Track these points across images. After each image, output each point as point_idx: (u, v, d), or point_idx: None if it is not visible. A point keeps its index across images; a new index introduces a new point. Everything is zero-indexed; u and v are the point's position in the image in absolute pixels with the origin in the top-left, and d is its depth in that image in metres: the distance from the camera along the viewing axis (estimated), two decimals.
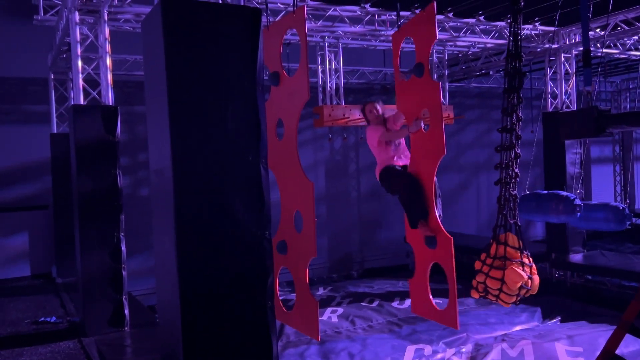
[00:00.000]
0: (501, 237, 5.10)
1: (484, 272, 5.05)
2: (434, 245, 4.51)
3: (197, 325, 2.89)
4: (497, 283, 4.98)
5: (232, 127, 2.95)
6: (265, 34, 4.67)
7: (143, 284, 9.44)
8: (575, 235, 9.85)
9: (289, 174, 4.50)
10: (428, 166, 4.42)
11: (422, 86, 4.33)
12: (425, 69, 4.27)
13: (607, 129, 5.51)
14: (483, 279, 5.07)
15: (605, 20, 9.27)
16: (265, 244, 3.03)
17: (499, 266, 4.94)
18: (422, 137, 4.43)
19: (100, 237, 5.94)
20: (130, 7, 7.10)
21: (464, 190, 14.02)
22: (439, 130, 4.21)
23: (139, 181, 10.61)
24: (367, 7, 8.64)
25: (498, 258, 4.97)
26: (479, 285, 5.15)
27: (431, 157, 4.35)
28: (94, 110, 6.05)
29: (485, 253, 5.13)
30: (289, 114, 4.45)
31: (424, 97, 4.34)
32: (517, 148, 5.19)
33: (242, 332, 3.00)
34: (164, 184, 2.91)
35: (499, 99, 14.91)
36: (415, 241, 4.78)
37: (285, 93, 4.50)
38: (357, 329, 7.94)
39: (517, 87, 5.01)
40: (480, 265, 5.15)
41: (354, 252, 12.67)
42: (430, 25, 4.17)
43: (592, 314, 8.33)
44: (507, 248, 4.99)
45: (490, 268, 4.99)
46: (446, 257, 4.37)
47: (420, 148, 4.47)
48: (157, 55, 2.87)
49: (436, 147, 4.28)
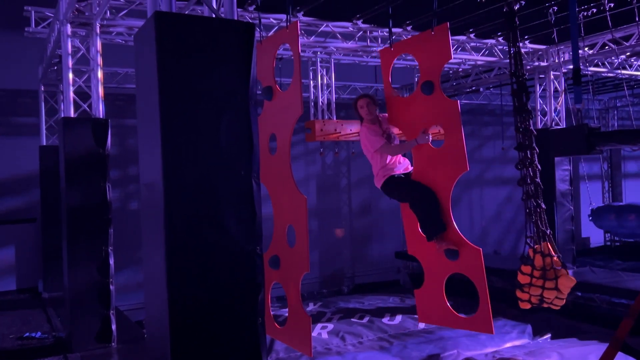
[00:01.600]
0: (537, 248, 5.25)
1: (539, 285, 5.20)
2: (456, 257, 4.56)
3: (186, 341, 2.84)
4: (554, 292, 5.17)
5: (224, 141, 2.93)
6: (258, 49, 4.69)
7: (131, 299, 9.32)
8: (565, 251, 9.88)
9: (282, 189, 4.48)
10: (446, 181, 4.45)
11: (431, 103, 4.38)
12: (436, 86, 4.33)
13: (597, 146, 5.57)
14: (539, 292, 5.22)
15: (593, 40, 9.40)
16: (257, 259, 2.99)
17: (551, 276, 5.09)
18: (438, 153, 4.46)
19: (88, 251, 5.87)
20: (123, 20, 7.10)
21: (455, 205, 14.03)
22: (460, 146, 4.27)
23: (128, 195, 10.53)
24: (360, 23, 8.70)
25: (547, 269, 5.12)
26: (533, 298, 5.32)
27: (450, 173, 4.41)
28: (84, 123, 6.01)
29: (530, 266, 5.25)
30: (282, 129, 4.45)
31: (435, 114, 4.40)
32: (536, 160, 5.35)
33: (232, 348, 2.96)
34: (154, 198, 2.88)
35: (490, 116, 15.17)
36: (422, 253, 4.79)
37: (278, 108, 4.50)
38: (347, 345, 7.88)
39: (525, 103, 5.17)
40: (529, 278, 5.27)
41: (345, 267, 12.62)
42: (444, 44, 4.25)
43: (582, 331, 8.33)
44: (553, 258, 5.16)
45: (544, 280, 5.15)
46: (476, 268, 4.44)
47: (437, 163, 4.49)
48: (150, 69, 2.85)
49: (457, 163, 4.36)
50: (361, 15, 8.58)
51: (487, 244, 14.20)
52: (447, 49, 4.25)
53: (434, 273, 4.77)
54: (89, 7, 6.22)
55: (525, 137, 5.33)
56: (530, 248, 5.36)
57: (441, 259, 4.64)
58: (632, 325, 3.41)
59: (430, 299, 4.82)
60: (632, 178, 16.51)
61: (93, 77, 6.32)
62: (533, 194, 5.36)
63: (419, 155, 4.62)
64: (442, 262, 4.64)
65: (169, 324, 2.77)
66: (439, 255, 4.64)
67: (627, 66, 11.16)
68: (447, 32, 4.23)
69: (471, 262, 4.45)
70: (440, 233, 4.56)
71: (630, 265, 12.99)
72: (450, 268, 4.62)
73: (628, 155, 16.57)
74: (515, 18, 5.45)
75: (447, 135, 4.36)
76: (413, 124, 4.57)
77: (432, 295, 4.81)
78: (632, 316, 3.42)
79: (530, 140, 5.30)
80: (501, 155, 14.19)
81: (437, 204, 4.54)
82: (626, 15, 8.23)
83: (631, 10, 8.09)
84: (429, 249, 4.71)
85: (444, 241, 4.56)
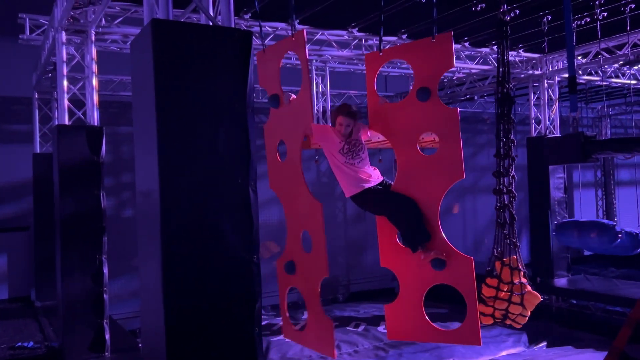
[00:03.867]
0: (506, 261, 5.16)
1: (505, 299, 5.08)
2: (443, 267, 4.37)
3: (182, 351, 2.81)
4: (519, 308, 5.05)
5: (221, 149, 2.91)
6: (261, 57, 4.70)
7: (125, 308, 9.23)
8: (560, 259, 9.90)
9: (295, 195, 4.50)
10: (438, 189, 4.31)
11: (427, 110, 4.31)
12: (433, 93, 4.27)
13: (593, 154, 5.58)
14: (505, 305, 5.08)
15: (586, 48, 9.48)
16: (254, 268, 2.97)
17: (517, 291, 5.02)
18: (430, 160, 4.37)
19: (82, 260, 5.81)
20: (118, 28, 7.09)
21: (449, 213, 14.06)
22: (457, 154, 4.18)
23: (122, 202, 10.46)
24: (355, 31, 8.74)
25: (514, 284, 5.03)
26: (497, 312, 5.16)
27: (444, 181, 4.29)
28: (78, 131, 5.98)
29: (497, 279, 5.13)
30: (292, 135, 4.47)
31: (431, 121, 4.32)
32: (512, 171, 5.28)
33: (229, 358, 2.93)
34: (150, 206, 2.86)
35: (484, 124, 15.22)
36: (398, 265, 4.59)
37: (288, 115, 4.51)
38: (343, 354, 7.85)
39: (506, 112, 5.12)
40: (495, 292, 5.15)
41: (340, 275, 12.57)
42: (446, 52, 4.22)
43: (578, 338, 8.33)
44: (520, 272, 5.06)
45: (511, 294, 5.04)
46: (465, 279, 4.30)
47: (429, 170, 4.35)
48: (146, 77, 2.83)
49: (453, 171, 4.24)
50: (356, 24, 8.61)
51: (481, 252, 14.20)
52: (450, 57, 4.23)
53: (412, 286, 4.53)
54: (84, 15, 6.21)
55: (505, 145, 5.28)
56: (498, 260, 5.23)
57: (421, 271, 4.42)
58: (630, 334, 3.41)
59: (407, 313, 4.56)
60: (624, 186, 16.58)
61: (88, 84, 6.29)
62: (507, 204, 5.27)
63: (407, 161, 4.45)
64: (423, 273, 4.42)
65: (165, 334, 2.74)
66: (418, 267, 4.42)
67: (620, 75, 11.25)
68: (451, 40, 4.23)
69: (461, 272, 4.29)
70: (426, 242, 4.37)
71: (625, 273, 13.03)
72: (435, 279, 4.40)
73: (621, 163, 16.66)
74: (506, 27, 5.47)
75: (444, 142, 4.30)
76: (405, 131, 4.46)
77: (408, 309, 4.55)
78: (630, 325, 3.41)
79: (510, 149, 5.24)
80: (495, 163, 14.22)
81: (419, 213, 4.35)
82: (618, 25, 8.30)
83: (623, 20, 8.17)
84: (407, 260, 4.49)
85: (431, 251, 4.36)
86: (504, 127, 5.32)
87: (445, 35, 4.23)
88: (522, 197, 11.26)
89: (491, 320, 5.24)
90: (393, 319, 4.62)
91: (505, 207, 5.33)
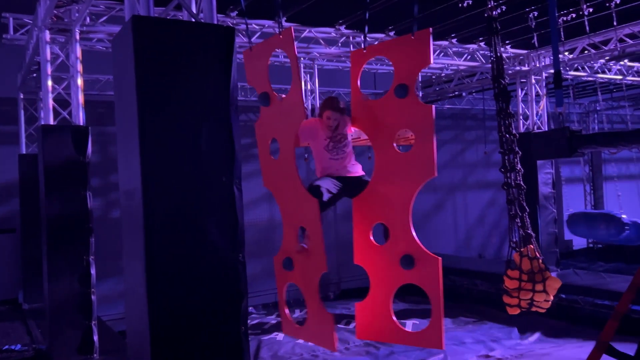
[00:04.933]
0: (524, 251, 5.23)
1: (529, 289, 5.17)
2: (411, 266, 4.37)
3: (167, 352, 2.78)
4: (543, 295, 5.18)
5: (204, 147, 2.89)
6: (248, 55, 4.67)
7: (114, 309, 9.17)
8: (549, 254, 9.95)
9: (290, 192, 4.48)
10: (411, 186, 4.24)
11: (404, 107, 4.29)
12: (410, 90, 4.25)
13: (579, 149, 5.62)
14: (529, 295, 5.19)
15: (573, 44, 9.52)
16: (239, 267, 2.95)
17: (539, 279, 5.08)
18: (404, 157, 4.34)
19: (68, 261, 5.76)
20: (103, 27, 7.02)
21: (439, 210, 14.09)
22: (430, 152, 4.12)
23: (110, 203, 10.38)
24: (342, 29, 8.71)
25: (535, 272, 5.10)
26: (522, 302, 5.28)
27: (417, 178, 4.23)
28: (63, 131, 5.92)
29: (518, 270, 5.22)
30: (285, 133, 4.45)
31: (407, 118, 4.30)
32: (518, 164, 5.36)
33: (215, 358, 2.91)
34: (133, 206, 2.83)
35: (473, 120, 15.27)
36: (370, 262, 4.53)
37: (280, 112, 4.49)
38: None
39: (505, 107, 5.19)
40: (518, 283, 5.23)
41: (330, 273, 12.56)
42: (424, 49, 4.18)
43: (567, 332, 8.39)
44: (539, 260, 5.15)
45: (534, 283, 5.12)
46: (432, 279, 4.18)
47: (403, 167, 4.32)
48: (127, 74, 2.80)
49: (425, 169, 4.17)
50: (344, 21, 8.59)
51: (472, 247, 14.26)
52: (427, 54, 4.19)
53: (382, 284, 4.48)
54: (68, 13, 6.14)
55: (507, 140, 5.37)
56: (516, 252, 5.33)
57: (392, 269, 4.37)
58: (617, 327, 3.42)
59: (375, 312, 4.52)
60: (612, 180, 16.71)
61: (73, 84, 6.23)
62: (517, 197, 5.37)
63: (383, 158, 4.41)
64: (393, 272, 4.37)
65: (150, 334, 2.72)
66: (388, 266, 4.38)
67: (607, 70, 11.32)
68: (429, 37, 4.20)
69: (428, 272, 4.18)
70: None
71: (613, 267, 13.14)
72: (402, 278, 4.33)
73: (608, 158, 16.79)
74: (495, 23, 5.50)
75: (418, 139, 4.25)
76: (383, 128, 4.43)
77: (377, 308, 4.50)
78: (616, 319, 3.43)
79: (513, 143, 5.33)
80: (484, 159, 14.27)
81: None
82: (604, 20, 8.35)
83: (609, 15, 8.22)
84: (378, 259, 4.46)
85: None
86: (504, 123, 5.38)
87: (424, 32, 4.20)
88: None
89: (518, 310, 5.40)
90: (362, 318, 4.59)
91: (515, 200, 5.42)
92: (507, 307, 5.38)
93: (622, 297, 3.54)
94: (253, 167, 4.49)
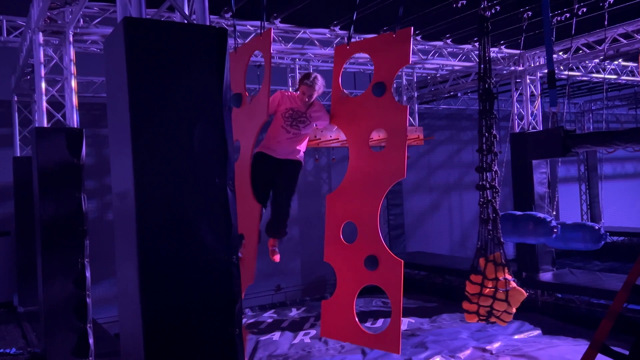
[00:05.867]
0: (490, 257, 5.12)
1: (490, 295, 5.00)
2: (375, 267, 4.24)
3: (161, 354, 2.77)
4: (504, 304, 5.00)
5: (197, 148, 2.88)
6: (232, 56, 4.66)
7: (110, 311, 9.14)
8: (545, 254, 9.97)
9: (241, 197, 4.41)
10: (381, 185, 4.19)
11: (380, 105, 4.25)
12: (387, 89, 4.20)
13: (573, 149, 5.63)
14: (489, 302, 5.01)
15: (568, 44, 9.55)
16: (233, 269, 2.94)
17: (502, 287, 4.97)
18: (376, 157, 4.29)
19: (63, 263, 5.73)
20: (97, 29, 7.00)
21: (435, 210, 14.11)
22: (401, 153, 4.06)
23: (105, 205, 10.36)
24: (337, 30, 8.71)
25: (499, 279, 4.98)
26: (481, 309, 5.09)
27: (387, 178, 4.16)
28: (57, 133, 5.90)
29: (481, 275, 5.07)
30: (246, 135, 4.44)
31: (384, 117, 4.26)
32: (495, 166, 5.29)
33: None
34: (126, 208, 2.81)
35: (468, 120, 15.29)
36: (338, 261, 4.49)
37: (246, 114, 4.50)
38: (330, 349, 7.87)
39: (488, 108, 5.16)
40: (479, 288, 5.07)
41: (327, 273, 12.54)
42: (404, 48, 4.13)
43: (564, 330, 8.41)
44: (505, 268, 5.02)
45: (495, 290, 4.99)
46: (393, 282, 4.13)
47: (375, 167, 4.24)
48: (119, 76, 2.79)
49: (395, 169, 4.11)
50: (338, 22, 8.59)
51: (467, 247, 14.27)
52: (406, 54, 4.14)
53: (347, 284, 4.44)
54: (62, 16, 6.12)
55: (487, 140, 5.32)
56: (482, 257, 5.20)
57: (357, 270, 4.33)
58: (611, 326, 3.43)
59: (339, 311, 4.48)
60: (608, 180, 16.76)
61: (67, 86, 6.21)
62: (490, 199, 5.28)
63: (357, 156, 4.36)
64: (358, 272, 4.33)
65: (143, 337, 2.70)
66: (354, 266, 4.34)
67: (601, 70, 11.36)
68: (409, 37, 4.15)
69: (390, 274, 4.15)
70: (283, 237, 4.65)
71: (609, 266, 13.18)
72: (366, 279, 4.31)
73: (604, 157, 16.84)
74: (487, 23, 5.50)
75: (390, 140, 4.21)
76: (358, 125, 4.39)
77: (340, 307, 4.47)
78: (610, 318, 3.44)
79: (492, 145, 5.28)
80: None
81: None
82: (598, 20, 8.37)
83: (603, 15, 8.24)
84: (346, 258, 4.42)
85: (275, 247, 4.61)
86: (486, 123, 5.37)
87: (405, 31, 4.16)
88: (507, 192, 11.33)
89: (476, 317, 5.20)
90: (327, 316, 4.54)
91: (489, 203, 5.34)
92: (466, 313, 5.22)
93: (617, 297, 3.54)
94: None
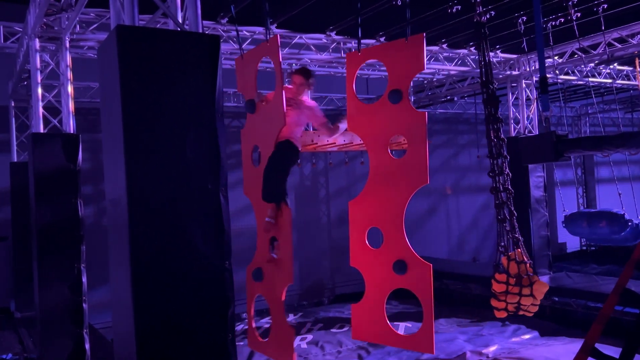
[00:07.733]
0: (511, 255, 5.27)
1: (515, 293, 5.20)
2: (404, 271, 4.35)
3: (154, 359, 2.78)
4: (530, 299, 5.24)
5: (190, 155, 2.90)
6: (239, 63, 4.71)
7: (106, 316, 9.10)
8: (542, 257, 9.99)
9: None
10: (404, 192, 4.28)
11: (397, 113, 4.30)
12: (404, 96, 4.25)
13: (565, 153, 5.67)
14: (516, 299, 5.23)
15: (562, 48, 9.60)
16: (226, 274, 2.96)
17: (526, 283, 5.13)
18: (398, 163, 4.35)
19: (59, 269, 5.74)
20: (93, 35, 7.04)
21: (432, 214, 14.12)
22: (423, 159, 4.13)
23: (102, 210, 10.36)
24: (333, 35, 8.75)
25: (522, 276, 5.14)
26: (510, 306, 5.32)
27: (409, 185, 4.25)
28: (54, 139, 5.92)
29: (505, 274, 5.25)
30: (265, 141, 4.46)
31: (400, 124, 4.30)
32: (506, 169, 5.39)
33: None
34: (119, 214, 2.83)
35: (465, 124, 15.33)
36: (366, 265, 4.57)
37: (261, 120, 4.52)
38: (326, 354, 7.86)
39: (494, 112, 5.25)
40: (505, 286, 5.27)
41: (324, 278, 12.57)
42: (417, 54, 4.18)
43: (560, 333, 8.42)
44: (527, 264, 5.19)
45: (521, 287, 5.16)
46: (424, 285, 4.23)
47: (396, 174, 4.32)
48: (112, 83, 2.82)
49: (418, 175, 4.20)
50: (334, 27, 8.63)
51: (465, 251, 14.29)
52: (421, 59, 4.20)
53: (377, 287, 4.52)
54: (58, 22, 6.15)
55: (496, 145, 5.42)
56: (504, 256, 5.39)
57: (386, 273, 4.41)
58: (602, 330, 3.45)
59: (370, 314, 4.56)
60: (605, 183, 16.79)
61: (63, 92, 6.23)
62: (505, 201, 5.41)
63: (378, 163, 4.43)
64: (387, 275, 4.41)
65: (136, 342, 2.72)
66: (382, 269, 4.42)
67: (597, 74, 11.40)
68: (423, 43, 4.20)
69: (419, 278, 4.24)
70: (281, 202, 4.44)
71: (606, 269, 13.19)
72: (396, 283, 4.39)
73: (600, 161, 16.87)
74: (484, 29, 5.54)
75: (411, 146, 4.27)
76: (377, 133, 4.44)
77: (371, 310, 4.55)
78: (601, 322, 3.45)
79: (501, 148, 5.38)
80: (477, 163, 14.32)
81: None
82: (593, 24, 8.42)
83: (598, 20, 8.28)
84: (373, 262, 4.50)
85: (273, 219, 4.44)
86: (493, 127, 5.43)
87: (418, 37, 4.21)
88: None
89: (505, 314, 5.43)
90: (358, 319, 4.62)
91: (504, 204, 5.46)
92: (495, 310, 5.43)
93: (607, 300, 3.56)
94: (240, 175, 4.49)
